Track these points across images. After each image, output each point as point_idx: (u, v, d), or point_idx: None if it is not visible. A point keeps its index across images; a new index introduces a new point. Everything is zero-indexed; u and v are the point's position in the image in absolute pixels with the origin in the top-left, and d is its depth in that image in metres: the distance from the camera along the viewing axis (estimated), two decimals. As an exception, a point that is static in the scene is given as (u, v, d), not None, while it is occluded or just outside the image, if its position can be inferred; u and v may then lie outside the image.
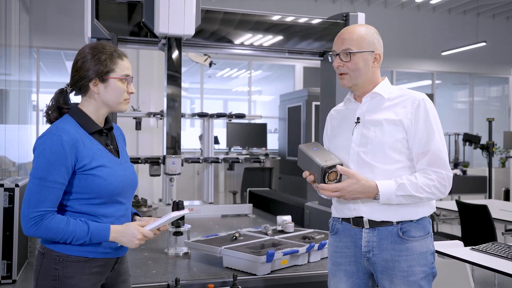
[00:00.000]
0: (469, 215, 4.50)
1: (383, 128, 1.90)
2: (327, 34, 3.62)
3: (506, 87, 12.25)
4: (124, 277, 1.92)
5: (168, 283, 2.35)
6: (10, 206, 4.74)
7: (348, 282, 1.98)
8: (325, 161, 1.85)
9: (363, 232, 1.92)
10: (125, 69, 1.82)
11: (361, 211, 1.91)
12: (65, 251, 1.71)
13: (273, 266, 2.55)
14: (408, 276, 1.85)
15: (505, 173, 10.13)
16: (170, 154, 3.08)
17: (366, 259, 1.92)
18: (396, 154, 1.89)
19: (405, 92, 1.96)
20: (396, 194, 1.82)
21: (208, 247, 2.73)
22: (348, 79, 1.97)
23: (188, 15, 3.01)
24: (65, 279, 1.71)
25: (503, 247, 2.70)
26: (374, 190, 1.83)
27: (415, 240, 1.88)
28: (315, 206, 3.82)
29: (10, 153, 6.74)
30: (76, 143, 1.70)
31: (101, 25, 3.05)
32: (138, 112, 5.42)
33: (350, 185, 1.83)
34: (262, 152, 8.19)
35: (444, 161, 1.87)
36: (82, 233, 1.68)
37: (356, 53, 1.93)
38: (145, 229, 1.76)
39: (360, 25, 2.02)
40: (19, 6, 6.92)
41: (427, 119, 1.88)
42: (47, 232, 1.66)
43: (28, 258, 5.57)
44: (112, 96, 1.80)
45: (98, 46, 1.81)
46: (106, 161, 1.76)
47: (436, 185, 1.84)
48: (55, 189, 1.67)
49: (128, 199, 1.86)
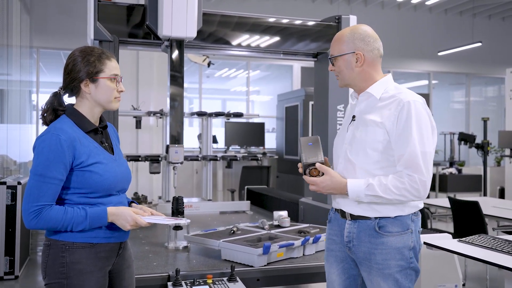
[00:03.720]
0: (461, 211, 4.60)
1: (367, 129, 1.98)
2: (320, 36, 3.73)
3: (502, 87, 12.32)
4: (128, 262, 2.04)
5: (169, 274, 2.45)
6: (12, 204, 4.82)
7: (338, 267, 2.11)
8: (308, 158, 2.02)
9: (346, 223, 2.04)
10: (113, 69, 1.93)
11: (342, 205, 2.06)
12: (69, 239, 1.81)
13: (269, 258, 2.65)
14: (383, 269, 1.94)
15: (500, 171, 10.23)
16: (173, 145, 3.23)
17: (348, 249, 2.05)
18: (376, 155, 1.95)
19: (397, 93, 1.97)
20: (365, 194, 1.92)
21: (207, 241, 2.83)
22: (340, 81, 2.13)
23: (190, 18, 3.13)
24: (73, 264, 1.80)
25: (489, 239, 2.81)
26: (344, 188, 1.97)
27: (391, 235, 1.94)
28: (309, 202, 3.93)
29: (12, 152, 6.81)
30: (73, 141, 1.81)
31: (103, 27, 3.15)
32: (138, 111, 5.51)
33: (324, 180, 1.99)
34: (260, 151, 8.27)
35: (418, 165, 1.86)
36: (80, 218, 1.79)
37: (337, 57, 2.06)
38: (143, 219, 1.86)
39: (348, 28, 2.10)
40: (20, 7, 7.00)
41: (408, 122, 1.88)
42: (47, 222, 1.76)
43: (30, 255, 5.66)
44: (103, 95, 1.91)
45: (87, 49, 1.93)
46: (102, 158, 1.87)
47: (407, 188, 1.87)
48: (53, 185, 1.78)
49: (122, 191, 1.98)
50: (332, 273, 2.13)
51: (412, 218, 1.99)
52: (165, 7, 3.06)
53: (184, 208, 3.04)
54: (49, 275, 1.82)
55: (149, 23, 3.18)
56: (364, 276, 2.02)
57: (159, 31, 3.13)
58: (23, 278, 4.95)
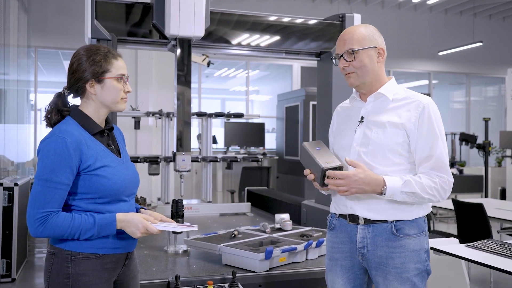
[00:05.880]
0: (465, 214, 4.54)
1: (385, 130, 1.92)
2: (323, 34, 3.65)
3: (502, 87, 12.29)
4: (134, 273, 1.95)
5: (168, 280, 2.38)
6: (9, 205, 4.76)
7: (344, 277, 2.01)
8: (326, 162, 1.88)
9: (358, 228, 1.95)
10: (120, 68, 1.85)
11: (356, 210, 1.95)
12: (76, 249, 1.73)
13: (271, 263, 2.58)
14: (402, 272, 1.88)
15: (501, 172, 10.19)
16: (180, 152, 3.11)
17: (360, 255, 1.96)
18: (396, 157, 1.91)
19: (411, 94, 1.96)
20: (401, 190, 1.84)
21: (207, 245, 2.76)
22: (355, 77, 1.98)
23: (198, 17, 3.05)
24: (78, 276, 1.72)
25: (498, 244, 2.74)
26: (381, 183, 1.84)
27: (409, 237, 1.90)
28: (312, 204, 3.86)
29: (9, 152, 6.76)
30: (80, 144, 1.73)
31: (101, 25, 3.08)
32: (137, 111, 5.45)
33: (357, 173, 1.83)
34: (260, 151, 8.21)
35: (447, 166, 1.89)
36: (88, 225, 1.70)
37: (359, 50, 1.95)
38: (154, 226, 1.78)
39: (359, 25, 2.04)
40: (17, 6, 6.94)
41: (431, 124, 1.89)
42: (54, 230, 1.68)
43: (27, 257, 5.59)
44: (109, 96, 1.83)
45: (92, 47, 1.84)
46: (109, 161, 1.79)
47: (438, 189, 1.86)
48: (60, 190, 1.69)
49: (131, 196, 1.90)
50: (337, 283, 2.03)
51: (424, 219, 1.97)
52: (172, 6, 2.98)
53: (183, 211, 2.97)
54: (52, 285, 1.75)
55: (156, 21, 3.10)
56: (378, 281, 1.94)
57: (166, 30, 3.05)
58: (20, 281, 4.88)
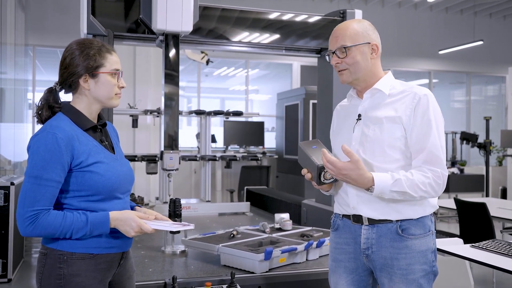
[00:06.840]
0: (468, 213, 4.49)
1: (382, 126, 1.87)
2: (324, 31, 3.60)
3: (503, 86, 12.25)
4: (129, 273, 1.89)
5: (165, 281, 2.33)
6: (5, 205, 4.70)
7: (348, 279, 1.96)
8: (321, 160, 1.85)
9: (362, 228, 1.90)
10: (114, 63, 1.80)
11: (359, 210, 1.89)
12: (68, 249, 1.67)
13: (271, 264, 2.53)
14: (407, 274, 1.83)
15: (502, 171, 10.15)
16: (168, 150, 3.05)
17: (365, 256, 1.90)
18: (395, 153, 1.85)
19: (408, 87, 1.91)
20: (390, 190, 1.78)
21: (205, 245, 2.71)
22: (347, 74, 1.94)
23: (186, 12, 2.98)
24: (71, 277, 1.66)
25: (503, 244, 2.69)
26: (369, 183, 1.78)
27: (414, 238, 1.84)
28: (312, 204, 3.81)
29: (6, 151, 6.71)
30: (71, 140, 1.67)
31: (97, 21, 3.02)
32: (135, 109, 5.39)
33: (347, 167, 1.77)
34: (260, 150, 8.16)
35: (441, 159, 1.81)
36: (81, 224, 1.64)
37: (351, 47, 1.90)
38: (148, 224, 1.71)
39: (352, 20, 1.98)
40: (14, 4, 6.87)
41: (426, 115, 1.83)
42: (44, 229, 1.62)
43: (23, 257, 5.53)
44: (103, 91, 1.78)
45: (85, 41, 1.78)
46: (102, 157, 1.73)
47: (432, 184, 1.79)
48: (51, 187, 1.63)
49: (126, 194, 1.84)
50: (341, 285, 1.98)
51: (431, 219, 1.91)
52: (159, 0, 2.92)
53: (181, 210, 2.91)
54: (44, 286, 1.68)
55: (143, 16, 3.03)
56: (383, 283, 1.88)
57: (153, 25, 2.98)
58: (17, 281, 4.82)
